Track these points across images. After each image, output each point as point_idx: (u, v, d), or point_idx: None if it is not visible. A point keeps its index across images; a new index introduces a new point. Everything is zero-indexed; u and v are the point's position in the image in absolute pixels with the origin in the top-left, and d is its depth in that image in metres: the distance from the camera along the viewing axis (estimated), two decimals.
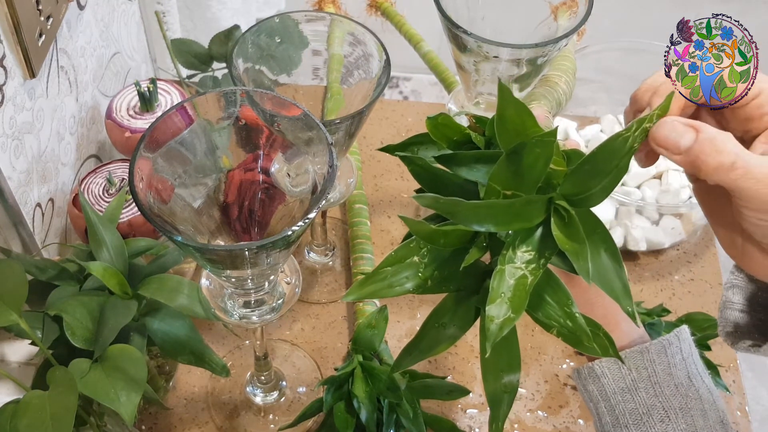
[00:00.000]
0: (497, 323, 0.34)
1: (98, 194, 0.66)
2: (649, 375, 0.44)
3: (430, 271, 0.37)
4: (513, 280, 0.35)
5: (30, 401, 0.46)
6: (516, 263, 0.36)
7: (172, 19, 0.94)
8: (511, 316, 0.34)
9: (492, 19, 0.61)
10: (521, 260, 0.36)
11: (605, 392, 0.45)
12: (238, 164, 0.49)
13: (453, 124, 0.41)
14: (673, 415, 0.44)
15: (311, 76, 0.61)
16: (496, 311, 0.35)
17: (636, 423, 0.44)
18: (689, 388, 0.45)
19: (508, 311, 0.35)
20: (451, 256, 0.38)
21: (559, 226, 0.36)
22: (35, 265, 0.54)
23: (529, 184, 0.36)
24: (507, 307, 0.35)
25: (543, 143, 0.34)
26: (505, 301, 0.35)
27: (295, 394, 0.68)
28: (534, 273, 0.36)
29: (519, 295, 0.35)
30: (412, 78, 1.61)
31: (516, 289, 0.35)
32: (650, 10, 1.49)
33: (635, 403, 0.44)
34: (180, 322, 0.55)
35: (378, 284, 0.37)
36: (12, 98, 0.59)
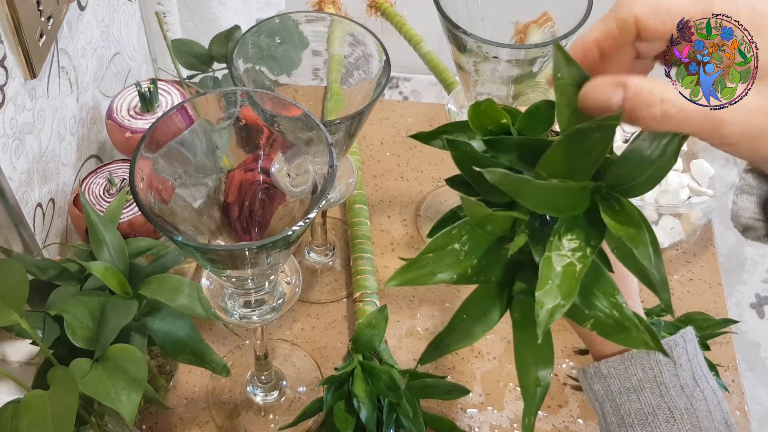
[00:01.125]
0: (547, 310, 0.34)
1: (99, 194, 0.67)
2: (655, 375, 0.44)
3: (470, 260, 0.37)
4: (560, 268, 0.35)
5: (31, 401, 0.47)
6: (562, 251, 0.35)
7: (172, 19, 0.94)
8: (561, 303, 0.34)
9: (492, 19, 0.62)
10: (567, 248, 0.35)
11: (611, 392, 0.45)
12: (238, 164, 0.49)
13: (496, 111, 0.40)
14: (678, 416, 0.44)
15: (311, 76, 0.61)
16: (545, 298, 0.34)
17: (641, 423, 0.44)
18: (694, 389, 0.45)
19: (558, 298, 0.34)
20: (491, 244, 0.37)
21: (609, 215, 0.35)
22: (36, 265, 0.54)
23: (582, 172, 0.35)
24: (557, 294, 0.34)
25: (604, 128, 0.33)
26: (554, 288, 0.34)
27: (296, 393, 0.68)
28: (582, 261, 0.35)
29: (568, 282, 0.34)
30: (412, 78, 1.61)
31: (564, 276, 0.34)
32: None
33: (641, 403, 0.44)
34: (180, 321, 0.55)
35: (420, 271, 0.37)
36: (13, 99, 0.59)
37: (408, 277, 0.36)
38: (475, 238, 0.37)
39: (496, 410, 0.68)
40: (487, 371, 0.70)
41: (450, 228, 0.37)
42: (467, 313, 0.39)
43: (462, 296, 0.78)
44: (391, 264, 0.78)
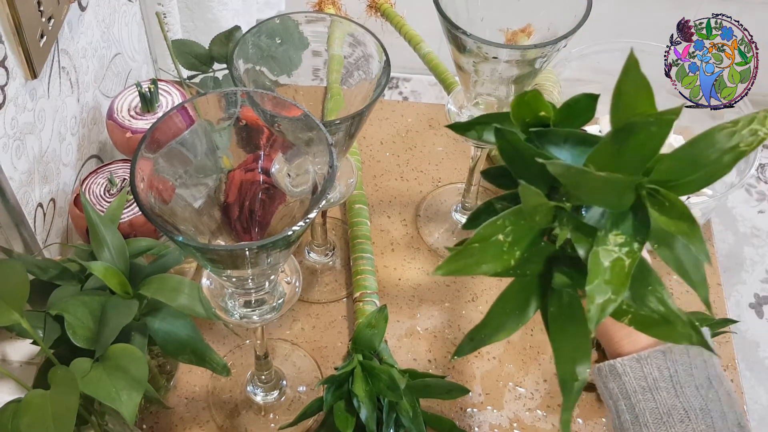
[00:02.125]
0: (598, 304, 0.34)
1: (99, 194, 0.67)
2: (670, 375, 0.44)
3: (512, 252, 0.36)
4: (608, 262, 0.34)
5: (31, 400, 0.47)
6: (608, 246, 0.35)
7: (172, 20, 0.94)
8: (612, 298, 0.34)
9: (491, 20, 0.62)
10: (614, 243, 0.35)
11: (626, 390, 0.45)
12: (238, 164, 0.50)
13: (540, 103, 0.39)
14: (693, 416, 0.44)
15: (311, 76, 0.61)
16: (596, 293, 0.34)
17: (656, 422, 0.44)
18: (709, 390, 0.45)
19: (608, 293, 0.34)
20: (534, 237, 0.37)
21: (658, 210, 0.35)
22: (37, 265, 0.54)
23: (634, 166, 0.34)
24: (606, 289, 0.34)
25: (661, 122, 0.32)
26: (604, 282, 0.34)
27: (296, 393, 0.68)
28: (630, 256, 0.35)
29: (618, 277, 0.34)
30: (412, 79, 1.61)
31: (613, 270, 0.34)
32: (650, 10, 1.49)
33: (656, 403, 0.44)
34: (181, 321, 0.55)
35: (466, 261, 0.36)
36: (14, 99, 0.59)
37: (455, 266, 0.36)
38: (519, 230, 0.36)
39: (496, 410, 0.68)
40: (487, 371, 0.70)
41: (495, 219, 0.37)
42: (503, 307, 0.39)
43: (462, 296, 0.78)
44: (391, 264, 0.78)
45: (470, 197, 0.80)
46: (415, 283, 0.77)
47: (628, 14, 1.50)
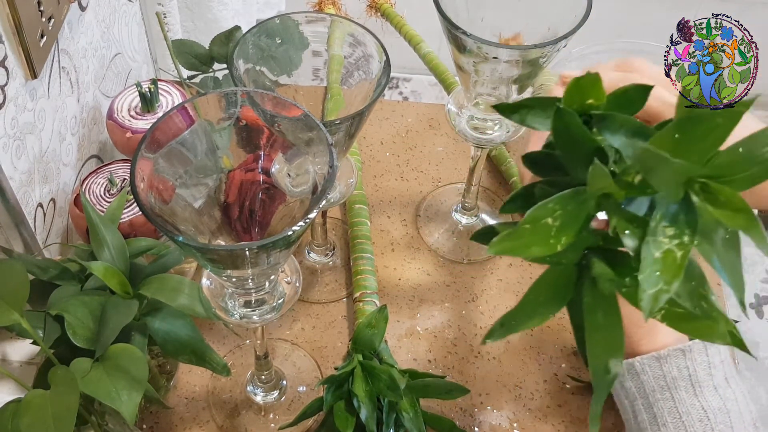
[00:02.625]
0: (650, 294, 0.33)
1: (99, 194, 0.67)
2: (689, 374, 0.44)
3: (559, 238, 0.36)
4: (659, 254, 0.34)
5: (31, 400, 0.47)
6: (658, 237, 0.35)
7: (173, 20, 0.94)
8: (664, 288, 0.33)
9: (491, 20, 0.62)
10: (664, 235, 0.35)
11: (644, 389, 0.45)
12: (238, 164, 0.50)
13: (597, 89, 0.39)
14: (712, 416, 0.43)
15: (311, 76, 0.61)
16: (647, 283, 0.33)
17: (675, 422, 0.44)
18: (726, 390, 0.44)
19: (660, 283, 0.34)
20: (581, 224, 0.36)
21: (712, 203, 0.35)
22: (37, 265, 0.54)
23: (693, 158, 0.34)
24: (659, 279, 0.34)
25: (728, 114, 0.31)
26: (656, 273, 0.34)
27: (296, 393, 0.68)
28: (681, 248, 0.34)
29: (670, 268, 0.34)
30: (412, 79, 1.61)
31: (665, 262, 0.34)
32: (650, 11, 1.49)
33: (674, 402, 0.44)
34: (181, 321, 0.55)
35: (517, 242, 0.36)
36: (14, 99, 0.59)
37: (506, 246, 0.35)
38: (566, 216, 0.36)
39: (496, 410, 0.68)
40: (487, 371, 0.70)
41: (546, 201, 0.36)
42: (537, 294, 0.38)
43: (462, 296, 0.78)
44: (391, 264, 0.78)
45: (470, 197, 0.80)
46: (415, 283, 0.77)
47: (628, 14, 1.50)
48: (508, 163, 0.86)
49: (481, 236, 0.43)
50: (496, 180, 0.87)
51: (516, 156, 0.87)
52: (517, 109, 0.41)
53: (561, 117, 0.37)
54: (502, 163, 0.86)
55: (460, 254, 0.79)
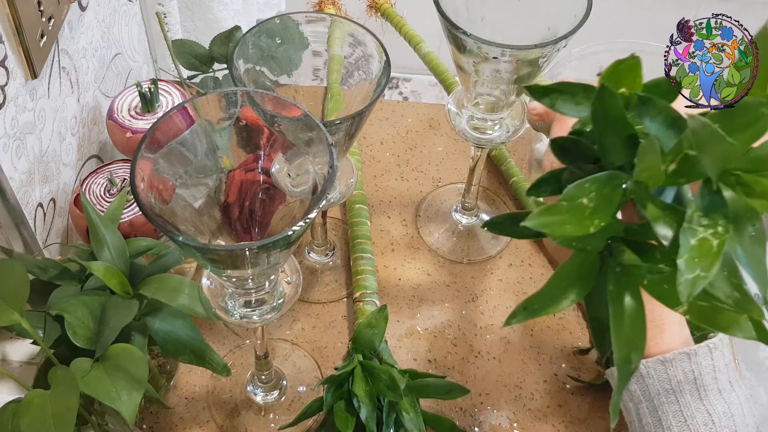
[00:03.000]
0: (688, 280, 0.34)
1: (99, 194, 0.67)
2: (695, 378, 0.44)
3: (592, 220, 0.36)
4: (695, 241, 0.34)
5: (31, 400, 0.47)
6: (694, 225, 0.35)
7: (173, 20, 0.94)
8: (702, 275, 0.34)
9: (491, 20, 0.62)
10: (698, 223, 0.35)
11: (648, 393, 0.45)
12: (238, 164, 0.50)
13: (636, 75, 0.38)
14: (717, 419, 0.43)
15: (311, 76, 0.61)
16: (687, 268, 0.34)
17: (679, 425, 0.44)
18: (731, 393, 0.44)
19: (697, 270, 0.34)
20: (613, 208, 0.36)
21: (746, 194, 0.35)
22: (37, 265, 0.54)
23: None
24: (696, 266, 0.34)
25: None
26: (694, 259, 0.34)
27: (296, 393, 0.68)
28: (717, 237, 0.34)
29: (707, 255, 0.34)
30: (412, 79, 1.61)
31: (701, 249, 0.34)
32: (650, 10, 1.49)
33: (679, 405, 0.44)
34: (181, 321, 0.55)
35: (554, 217, 0.35)
36: (14, 99, 0.59)
37: (543, 221, 0.35)
38: (600, 198, 0.36)
39: (496, 410, 0.68)
40: (487, 371, 0.70)
41: (583, 181, 0.36)
42: (560, 280, 0.38)
43: (462, 296, 0.78)
44: (391, 264, 0.78)
45: (470, 197, 0.80)
46: (415, 283, 0.77)
47: (628, 14, 1.50)
48: (508, 163, 0.86)
49: (495, 225, 0.43)
50: (496, 180, 0.87)
51: (516, 156, 0.87)
52: (548, 93, 0.41)
53: (602, 98, 0.37)
54: (502, 163, 0.86)
55: (460, 254, 0.79)
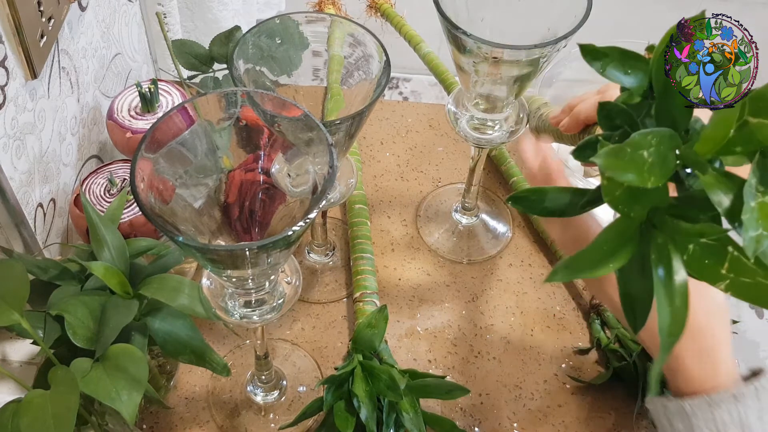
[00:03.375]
0: (753, 236, 0.34)
1: (99, 194, 0.67)
2: (740, 418, 0.44)
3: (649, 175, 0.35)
4: (754, 203, 0.35)
5: (31, 400, 0.47)
6: (753, 189, 0.35)
7: (173, 20, 0.94)
8: (765, 234, 0.34)
9: (491, 20, 0.62)
10: (756, 189, 0.35)
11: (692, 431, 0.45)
12: (238, 164, 0.50)
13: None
14: None
15: (311, 76, 0.61)
16: (749, 225, 0.34)
17: None
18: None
19: (759, 228, 0.34)
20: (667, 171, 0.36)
21: None
22: (37, 265, 0.54)
23: None
24: (758, 225, 0.34)
25: None
26: (757, 220, 0.34)
27: (296, 393, 0.68)
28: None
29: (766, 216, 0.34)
30: (412, 79, 1.61)
31: (762, 210, 0.34)
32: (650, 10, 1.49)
33: None
34: (181, 321, 0.55)
35: (621, 161, 0.35)
36: (14, 99, 0.59)
37: (609, 162, 0.35)
38: (659, 155, 0.36)
39: (496, 410, 0.68)
40: (487, 371, 0.70)
41: (646, 132, 0.36)
42: (603, 243, 0.38)
43: (462, 296, 0.78)
44: (391, 264, 0.78)
45: (470, 197, 0.80)
46: (415, 283, 0.77)
47: (628, 14, 1.50)
48: (508, 163, 0.86)
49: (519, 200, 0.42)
50: (496, 180, 0.87)
51: (516, 156, 0.87)
52: (601, 57, 0.41)
53: (664, 63, 0.37)
54: (502, 163, 0.86)
55: (460, 254, 0.79)
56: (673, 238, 0.38)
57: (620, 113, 0.40)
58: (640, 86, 0.40)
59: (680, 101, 0.37)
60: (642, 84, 0.41)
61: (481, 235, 0.82)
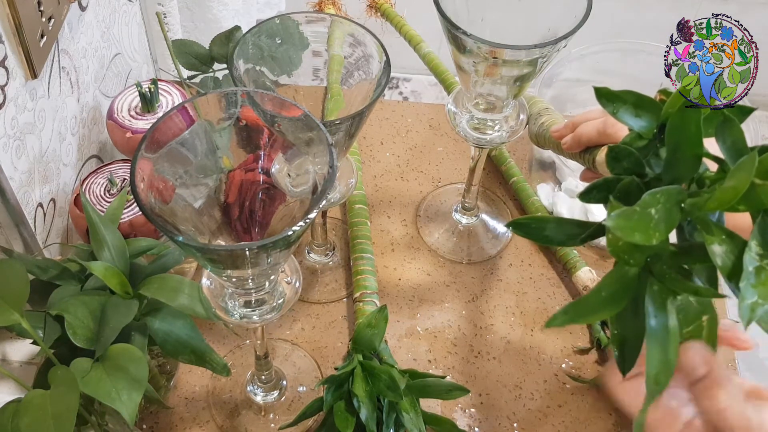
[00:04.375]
0: (748, 304, 0.34)
1: (99, 194, 0.67)
2: None
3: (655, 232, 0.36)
4: (752, 268, 0.35)
5: (31, 400, 0.47)
6: (752, 253, 0.35)
7: (173, 20, 0.94)
8: (760, 302, 0.34)
9: (491, 20, 0.62)
10: (755, 251, 0.35)
11: None
12: (238, 164, 0.50)
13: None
14: None
15: (311, 76, 0.61)
16: (746, 292, 0.34)
17: None
18: None
19: (755, 296, 0.34)
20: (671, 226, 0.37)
21: None
22: (37, 265, 0.54)
23: None
24: (754, 292, 0.34)
25: None
26: (751, 286, 0.34)
27: (296, 393, 0.68)
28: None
29: (765, 284, 0.35)
30: (412, 79, 1.61)
31: (758, 276, 0.35)
32: (650, 10, 1.49)
33: None
34: (181, 321, 0.55)
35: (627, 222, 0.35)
36: (14, 99, 0.59)
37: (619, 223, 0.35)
38: (665, 212, 0.36)
39: (496, 410, 0.68)
40: (487, 371, 0.70)
41: (656, 191, 0.36)
42: (602, 290, 0.39)
43: (462, 296, 0.78)
44: (391, 264, 0.78)
45: (470, 197, 0.80)
46: (415, 283, 0.77)
47: (628, 14, 1.50)
48: (508, 163, 0.86)
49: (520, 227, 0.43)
50: (496, 180, 0.87)
51: (516, 156, 0.87)
52: (614, 99, 0.42)
53: (683, 112, 0.37)
54: (502, 163, 0.86)
55: (460, 254, 0.79)
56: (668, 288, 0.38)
57: (627, 155, 0.41)
58: (650, 129, 0.41)
59: (691, 152, 0.38)
60: (651, 127, 0.41)
61: (481, 235, 0.82)
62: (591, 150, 0.57)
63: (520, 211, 0.84)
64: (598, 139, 0.56)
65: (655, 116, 0.41)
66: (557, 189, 0.83)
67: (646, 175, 0.40)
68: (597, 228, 0.41)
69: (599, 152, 0.56)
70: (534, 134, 0.69)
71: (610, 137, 0.55)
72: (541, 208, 0.81)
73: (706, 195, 0.36)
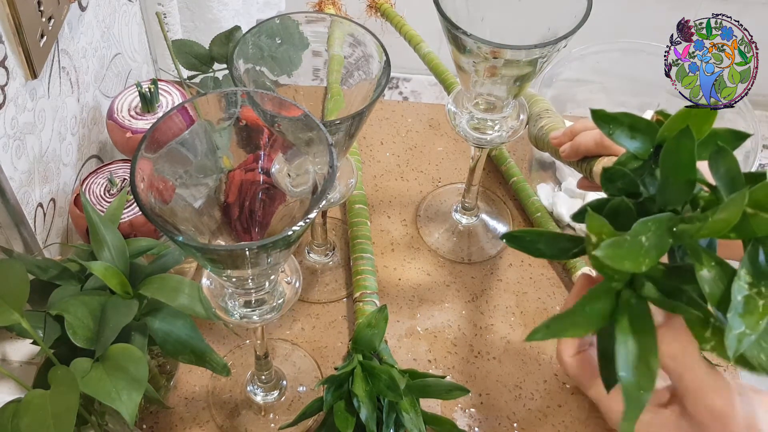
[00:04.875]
0: (735, 335, 0.34)
1: (99, 194, 0.67)
2: None
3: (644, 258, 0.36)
4: (741, 297, 0.35)
5: (31, 400, 0.47)
6: (741, 281, 0.35)
7: (173, 20, 0.94)
8: (747, 332, 0.34)
9: (491, 20, 0.62)
10: (744, 280, 0.35)
11: None
12: (238, 164, 0.50)
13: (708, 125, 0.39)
14: None
15: (311, 76, 0.61)
16: (733, 323, 0.34)
17: None
18: None
19: (742, 326, 0.34)
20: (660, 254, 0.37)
21: None
22: (37, 265, 0.54)
23: None
24: (741, 322, 0.34)
25: None
26: (738, 315, 0.34)
27: (296, 393, 0.68)
28: (762, 297, 0.35)
29: (752, 313, 0.34)
30: (412, 79, 1.61)
31: (746, 306, 0.35)
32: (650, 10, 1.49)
33: None
34: (181, 321, 0.55)
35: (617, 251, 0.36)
36: (14, 99, 0.59)
37: (608, 253, 0.35)
38: (655, 239, 0.36)
39: (496, 410, 0.68)
40: (487, 371, 0.70)
41: (647, 219, 0.37)
42: (583, 306, 0.39)
43: (462, 296, 0.78)
44: (391, 264, 0.78)
45: (470, 197, 0.80)
46: (415, 283, 0.77)
47: (628, 14, 1.50)
48: (508, 163, 0.86)
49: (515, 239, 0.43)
50: (496, 180, 0.87)
51: (516, 156, 0.87)
52: (610, 121, 0.42)
53: (679, 139, 0.37)
54: (502, 163, 0.86)
55: (460, 254, 0.79)
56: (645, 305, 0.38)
57: (622, 176, 0.41)
58: (645, 151, 0.41)
59: (684, 177, 0.38)
60: (646, 148, 0.41)
61: (481, 235, 0.82)
62: (588, 160, 0.57)
63: (520, 211, 0.84)
64: (596, 149, 0.56)
65: (651, 138, 0.42)
66: (557, 189, 0.83)
67: (641, 194, 0.41)
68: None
69: (596, 163, 0.56)
70: (533, 136, 0.69)
71: (607, 148, 0.56)
72: (541, 208, 0.81)
73: (698, 224, 0.36)
